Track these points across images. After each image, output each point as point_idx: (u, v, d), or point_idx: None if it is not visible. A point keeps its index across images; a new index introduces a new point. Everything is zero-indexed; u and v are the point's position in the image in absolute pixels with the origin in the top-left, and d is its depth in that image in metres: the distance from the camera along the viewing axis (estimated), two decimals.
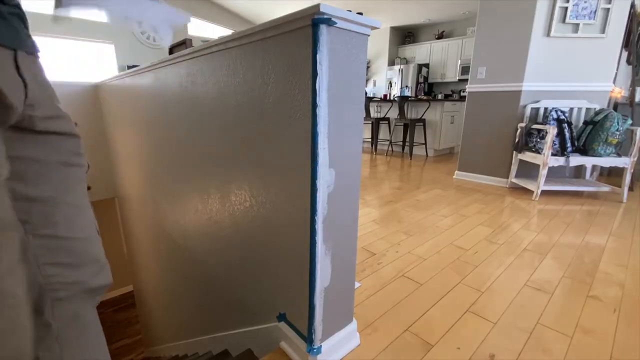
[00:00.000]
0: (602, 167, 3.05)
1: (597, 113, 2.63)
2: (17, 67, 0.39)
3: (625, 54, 3.24)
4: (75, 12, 0.60)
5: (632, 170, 2.54)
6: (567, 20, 2.67)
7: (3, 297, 0.36)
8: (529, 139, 2.79)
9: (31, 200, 0.49)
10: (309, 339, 0.93)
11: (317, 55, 0.72)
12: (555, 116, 2.64)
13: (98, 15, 0.64)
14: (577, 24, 2.69)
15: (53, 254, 0.53)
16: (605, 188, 2.72)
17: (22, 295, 0.39)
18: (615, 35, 2.73)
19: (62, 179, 0.53)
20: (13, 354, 0.37)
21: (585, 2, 2.64)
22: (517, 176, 2.98)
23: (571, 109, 2.84)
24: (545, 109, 2.84)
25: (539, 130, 2.69)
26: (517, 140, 2.89)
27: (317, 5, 0.68)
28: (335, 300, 0.95)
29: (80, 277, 0.57)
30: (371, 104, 5.55)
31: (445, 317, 1.18)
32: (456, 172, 3.46)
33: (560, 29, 2.72)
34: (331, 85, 0.77)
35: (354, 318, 1.06)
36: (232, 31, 4.57)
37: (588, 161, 2.61)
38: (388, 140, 5.24)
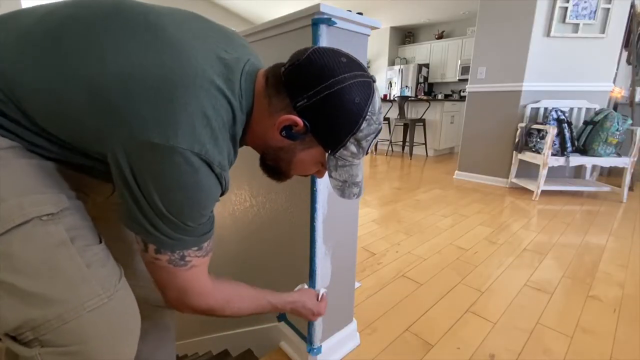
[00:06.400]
0: (602, 167, 3.04)
1: (597, 113, 2.63)
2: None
3: (625, 54, 3.24)
4: None
5: (632, 170, 2.54)
6: (567, 20, 2.67)
7: None
8: (529, 139, 2.79)
9: None
10: (309, 339, 0.93)
11: None
12: (555, 116, 2.64)
13: None
14: (577, 24, 2.69)
15: None
16: (605, 188, 2.72)
17: None
18: (615, 35, 2.73)
19: None
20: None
21: (585, 2, 2.64)
22: (517, 176, 2.98)
23: (571, 109, 2.84)
24: (545, 109, 2.84)
25: (539, 130, 2.69)
26: (517, 140, 2.89)
27: (317, 5, 0.68)
28: (335, 300, 0.95)
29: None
30: None
31: (445, 317, 1.18)
32: (456, 172, 3.46)
33: (560, 29, 2.72)
34: None
35: (354, 318, 1.06)
36: None
37: (588, 161, 2.61)
38: (388, 140, 5.23)
